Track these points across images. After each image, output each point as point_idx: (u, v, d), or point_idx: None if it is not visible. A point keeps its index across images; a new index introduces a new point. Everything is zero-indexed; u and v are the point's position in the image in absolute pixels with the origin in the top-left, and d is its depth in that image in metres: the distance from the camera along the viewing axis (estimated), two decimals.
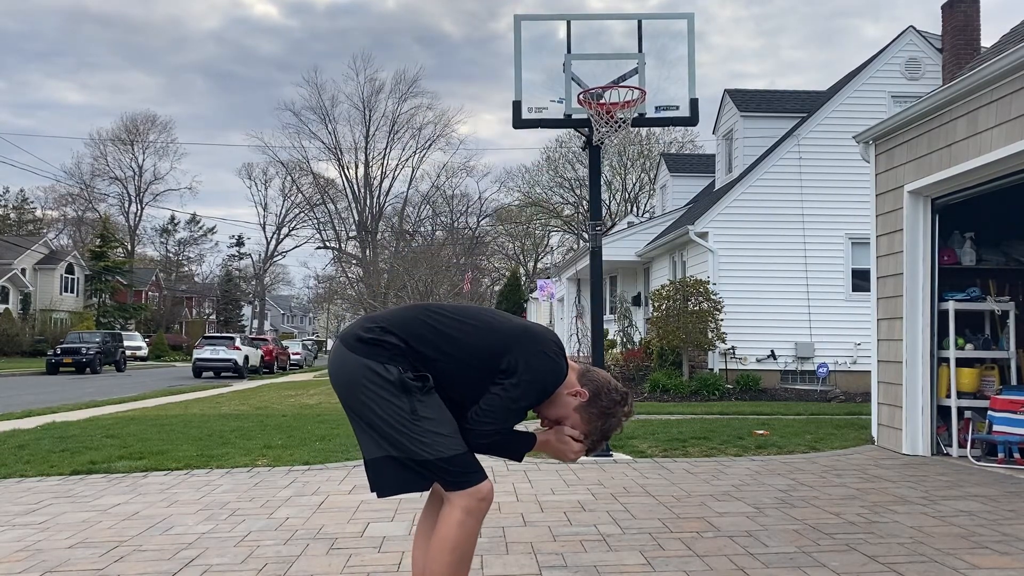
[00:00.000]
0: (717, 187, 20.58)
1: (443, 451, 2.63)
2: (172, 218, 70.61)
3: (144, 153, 65.68)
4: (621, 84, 7.66)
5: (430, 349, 2.71)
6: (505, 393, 2.67)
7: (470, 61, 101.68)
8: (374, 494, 2.78)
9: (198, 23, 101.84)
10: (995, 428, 7.11)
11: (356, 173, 64.02)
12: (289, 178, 66.69)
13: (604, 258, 8.85)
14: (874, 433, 8.42)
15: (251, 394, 17.83)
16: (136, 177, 65.44)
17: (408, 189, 63.86)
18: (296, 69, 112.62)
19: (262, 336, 44.95)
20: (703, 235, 16.59)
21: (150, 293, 62.82)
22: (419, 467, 2.67)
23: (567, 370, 2.82)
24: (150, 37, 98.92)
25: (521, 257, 60.58)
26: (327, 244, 65.90)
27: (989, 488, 5.91)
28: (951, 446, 7.53)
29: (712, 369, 16.14)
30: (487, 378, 2.70)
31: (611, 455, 7.43)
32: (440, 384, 2.71)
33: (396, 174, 65.79)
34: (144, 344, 45.70)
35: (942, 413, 7.67)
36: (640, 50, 7.80)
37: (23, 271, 48.91)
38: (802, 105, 18.86)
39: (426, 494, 2.94)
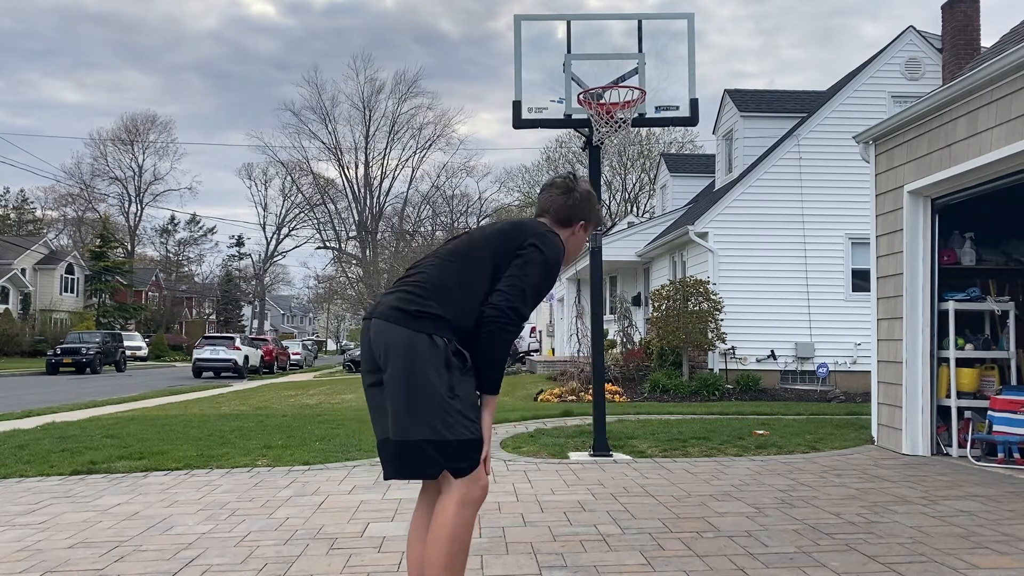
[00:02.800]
0: (717, 187, 20.57)
1: (466, 433, 2.66)
2: (172, 218, 70.69)
3: (144, 153, 65.74)
4: (621, 84, 7.66)
5: (470, 317, 2.75)
6: (520, 271, 2.77)
7: (469, 60, 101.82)
8: (382, 478, 2.87)
9: (195, 22, 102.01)
10: (995, 428, 7.11)
11: (356, 173, 64.04)
12: (289, 178, 66.74)
13: (604, 258, 8.85)
14: (874, 433, 8.42)
15: (251, 394, 17.83)
16: (136, 177, 65.48)
17: (408, 189, 63.89)
18: (294, 68, 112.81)
19: (262, 336, 44.98)
20: (703, 235, 16.59)
21: (150, 293, 62.82)
22: (437, 450, 2.65)
23: (562, 241, 2.98)
24: (147, 36, 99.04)
25: None
26: (327, 244, 65.91)
27: (989, 488, 5.91)
28: (951, 446, 7.53)
29: (712, 369, 16.13)
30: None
31: (611, 455, 7.43)
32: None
33: (396, 174, 65.77)
34: (144, 344, 45.72)
35: (942, 413, 7.67)
36: (640, 50, 7.79)
37: (23, 271, 48.90)
38: (802, 105, 18.87)
39: (416, 495, 2.95)
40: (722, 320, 15.47)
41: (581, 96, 7.67)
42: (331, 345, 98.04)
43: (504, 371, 2.83)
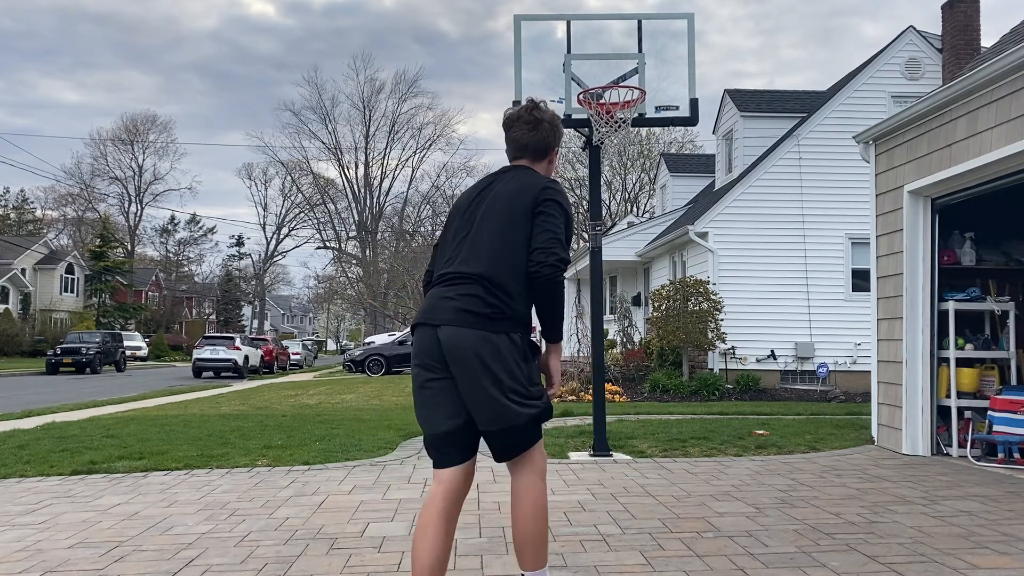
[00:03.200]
0: (717, 187, 20.57)
1: (545, 403, 3.03)
2: (172, 218, 70.86)
3: (144, 153, 65.82)
4: (621, 84, 7.66)
5: (531, 304, 3.02)
6: (550, 225, 2.98)
7: (468, 60, 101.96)
8: (434, 466, 3.06)
9: (195, 22, 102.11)
10: (995, 428, 7.11)
11: (356, 173, 64.08)
12: (289, 178, 66.78)
13: (604, 258, 8.85)
14: (874, 433, 8.42)
15: (251, 394, 17.83)
16: (136, 177, 65.53)
17: (408, 189, 63.98)
18: (294, 68, 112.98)
19: (262, 336, 44.96)
20: (703, 235, 16.59)
21: (150, 293, 62.83)
22: (532, 424, 2.98)
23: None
24: (147, 36, 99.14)
25: None
26: (327, 244, 65.94)
27: (989, 488, 5.91)
28: (951, 446, 7.53)
29: (712, 369, 16.13)
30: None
31: (611, 455, 7.42)
32: None
33: (396, 174, 65.98)
34: (144, 344, 45.71)
35: (942, 413, 7.67)
36: (640, 50, 7.79)
37: (23, 271, 48.91)
38: (802, 105, 18.87)
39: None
40: (722, 320, 15.47)
41: (581, 96, 7.67)
42: (331, 345, 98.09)
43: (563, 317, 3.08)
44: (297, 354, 44.12)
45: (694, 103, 7.78)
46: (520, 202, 3.03)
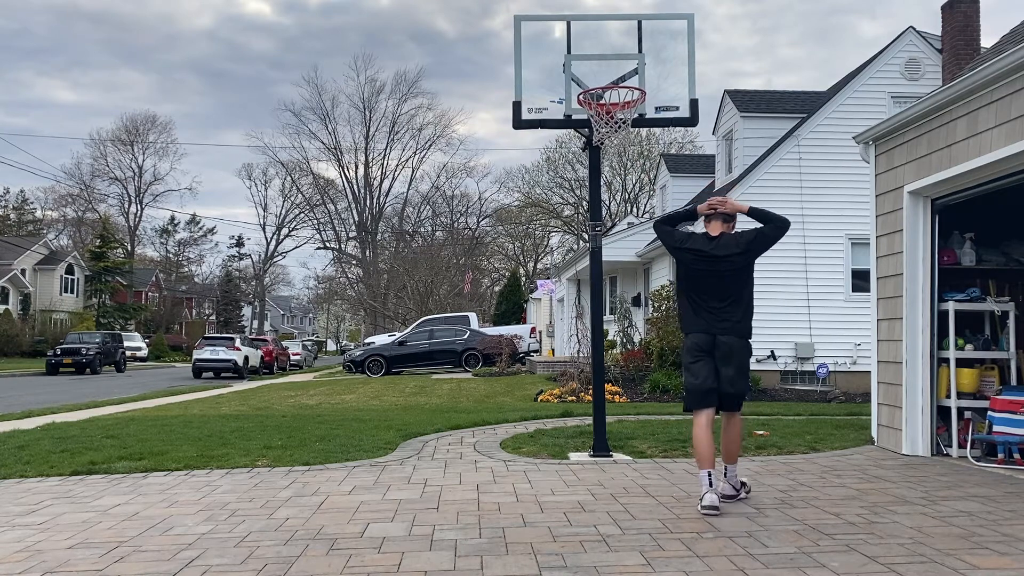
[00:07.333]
0: (717, 187, 20.56)
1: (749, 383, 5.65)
2: (172, 219, 70.85)
3: (144, 154, 65.85)
4: (621, 84, 7.65)
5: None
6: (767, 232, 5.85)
7: (465, 59, 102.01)
8: (693, 409, 5.41)
9: (190, 20, 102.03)
10: (995, 428, 7.11)
11: (356, 173, 64.12)
12: (289, 178, 66.81)
13: (604, 258, 8.84)
14: (874, 433, 8.42)
15: (251, 395, 17.82)
16: (136, 178, 65.59)
17: (408, 189, 64.01)
18: (290, 67, 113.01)
19: (262, 337, 44.94)
20: None
21: (150, 293, 62.84)
22: (743, 395, 5.49)
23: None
24: (142, 35, 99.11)
25: (521, 257, 60.63)
26: (327, 244, 65.98)
27: (989, 488, 5.91)
28: (951, 446, 7.53)
29: None
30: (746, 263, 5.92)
31: (611, 455, 7.42)
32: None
33: (396, 174, 65.88)
34: (144, 345, 45.72)
35: (942, 413, 7.67)
36: (640, 50, 7.78)
37: (23, 271, 48.91)
38: (802, 105, 18.86)
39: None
40: None
41: (581, 96, 7.66)
42: (331, 345, 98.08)
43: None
44: (297, 355, 44.09)
45: (694, 103, 7.77)
46: (739, 253, 6.08)
